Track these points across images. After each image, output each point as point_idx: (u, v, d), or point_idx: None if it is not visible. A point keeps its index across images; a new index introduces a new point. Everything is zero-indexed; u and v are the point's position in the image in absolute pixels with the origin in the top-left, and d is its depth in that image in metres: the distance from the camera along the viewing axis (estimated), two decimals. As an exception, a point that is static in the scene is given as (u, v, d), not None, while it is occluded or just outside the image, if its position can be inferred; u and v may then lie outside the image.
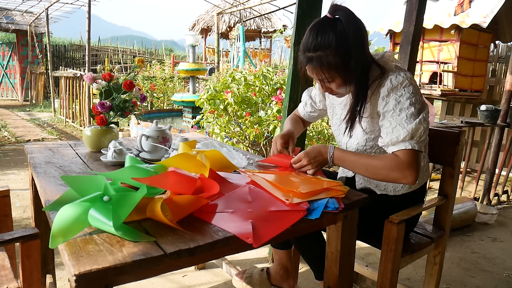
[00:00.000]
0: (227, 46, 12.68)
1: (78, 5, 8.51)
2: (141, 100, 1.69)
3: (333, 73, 1.23)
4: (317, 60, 1.21)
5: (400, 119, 1.20)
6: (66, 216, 0.82)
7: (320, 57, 1.20)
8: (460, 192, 3.49)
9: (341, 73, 1.23)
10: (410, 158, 1.19)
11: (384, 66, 1.28)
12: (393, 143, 1.22)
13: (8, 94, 11.80)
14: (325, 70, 1.22)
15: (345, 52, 1.20)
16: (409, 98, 1.21)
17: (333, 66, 1.21)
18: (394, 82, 1.22)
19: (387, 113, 1.23)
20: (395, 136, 1.20)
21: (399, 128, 1.20)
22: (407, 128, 1.19)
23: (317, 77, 1.26)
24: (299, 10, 2.00)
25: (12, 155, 4.73)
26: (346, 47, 1.19)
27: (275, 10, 9.90)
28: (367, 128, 1.34)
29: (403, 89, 1.22)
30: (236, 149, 1.67)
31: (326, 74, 1.23)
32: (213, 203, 1.01)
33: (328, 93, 1.35)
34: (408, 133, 1.18)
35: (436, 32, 4.26)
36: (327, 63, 1.20)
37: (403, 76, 1.23)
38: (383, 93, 1.24)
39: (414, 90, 1.22)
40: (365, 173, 1.28)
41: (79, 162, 1.42)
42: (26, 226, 2.59)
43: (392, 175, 1.21)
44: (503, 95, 3.43)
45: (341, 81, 1.25)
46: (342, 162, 1.30)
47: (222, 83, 3.64)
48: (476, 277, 2.18)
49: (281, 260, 1.62)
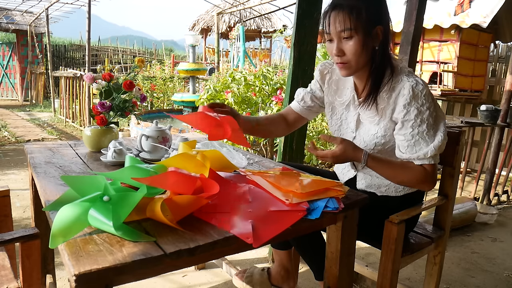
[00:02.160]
0: (227, 46, 12.68)
1: (78, 5, 8.51)
2: (141, 100, 1.69)
3: (358, 26, 1.18)
4: (348, 6, 1.17)
5: (422, 131, 1.21)
6: (66, 216, 0.82)
7: (351, 5, 1.17)
8: (460, 192, 3.48)
9: (364, 33, 1.19)
10: (433, 170, 1.25)
11: (395, 67, 1.27)
12: (420, 158, 1.23)
13: (8, 94, 11.80)
14: (352, 19, 1.17)
15: (374, 15, 1.20)
16: (429, 108, 1.20)
17: (362, 19, 1.18)
18: (415, 90, 1.20)
19: (407, 122, 1.22)
20: (422, 153, 1.22)
21: (422, 142, 1.21)
22: (433, 145, 1.21)
23: (340, 27, 1.19)
24: (299, 10, 2.00)
25: (12, 155, 4.73)
26: (376, 12, 1.20)
27: (275, 10, 9.91)
28: (378, 132, 1.31)
29: (423, 97, 1.20)
30: (236, 149, 1.67)
31: (351, 23, 1.17)
32: (213, 203, 1.01)
33: (339, 57, 1.24)
34: (434, 150, 1.21)
35: (436, 32, 4.26)
36: (357, 13, 1.17)
37: (422, 84, 1.22)
38: (404, 101, 1.21)
39: (432, 99, 1.23)
40: (392, 180, 1.30)
41: (79, 162, 1.42)
42: (26, 226, 2.59)
43: (418, 185, 1.28)
44: (503, 95, 3.43)
45: (360, 41, 1.19)
46: (373, 168, 1.27)
47: (222, 83, 3.65)
48: (476, 277, 2.18)
49: (282, 261, 1.62)
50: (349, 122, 1.41)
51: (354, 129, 1.39)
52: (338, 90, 1.44)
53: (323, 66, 1.49)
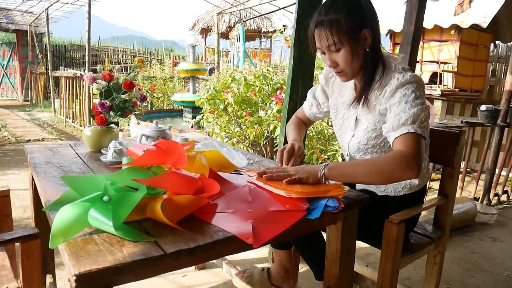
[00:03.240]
0: (227, 46, 12.68)
1: (78, 5, 8.51)
2: (141, 100, 1.69)
3: (342, 37, 1.20)
4: (328, 22, 1.19)
5: (404, 107, 1.19)
6: (66, 216, 0.83)
7: (331, 20, 1.19)
8: (460, 192, 3.48)
9: (350, 42, 1.21)
10: (413, 144, 1.13)
11: (388, 64, 1.28)
12: (395, 128, 1.17)
13: (8, 94, 11.81)
14: (334, 32, 1.19)
15: (356, 21, 1.20)
16: (414, 92, 1.20)
17: (343, 30, 1.19)
18: (402, 80, 1.21)
19: (393, 105, 1.22)
20: (397, 120, 1.18)
21: (402, 114, 1.18)
22: (409, 113, 1.17)
23: (326, 43, 1.22)
24: (299, 10, 2.00)
25: (12, 155, 4.73)
26: (358, 17, 1.20)
27: (275, 10, 9.91)
28: (369, 127, 1.33)
29: (409, 85, 1.21)
30: (236, 149, 1.67)
31: (335, 37, 1.19)
32: (213, 203, 1.01)
33: (334, 69, 1.28)
34: (410, 116, 1.16)
35: (436, 32, 4.26)
36: (338, 26, 1.18)
37: (410, 75, 1.22)
38: (390, 91, 1.23)
39: (420, 88, 1.22)
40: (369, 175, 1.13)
41: (79, 162, 1.42)
42: (26, 226, 2.59)
43: (397, 169, 1.10)
44: (503, 95, 3.43)
45: (349, 50, 1.22)
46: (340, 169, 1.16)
47: (222, 83, 3.64)
48: (476, 277, 2.18)
49: (282, 261, 1.62)
50: (349, 121, 1.42)
51: (353, 127, 1.40)
52: (341, 91, 1.47)
53: (327, 70, 1.52)
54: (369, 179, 1.17)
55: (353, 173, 1.15)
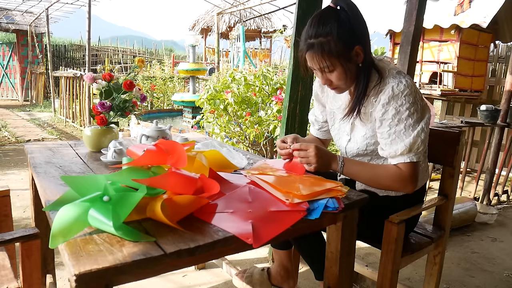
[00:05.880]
0: (227, 46, 12.69)
1: (78, 5, 8.52)
2: (141, 100, 1.69)
3: (334, 60, 1.21)
4: (318, 46, 1.19)
5: (399, 131, 1.22)
6: (66, 216, 0.82)
7: (322, 43, 1.18)
8: (460, 192, 3.48)
9: (342, 62, 1.21)
10: (410, 170, 1.24)
11: (382, 70, 1.28)
12: (392, 156, 1.25)
13: (8, 94, 11.81)
14: (326, 56, 1.20)
15: (347, 40, 1.19)
16: (409, 109, 1.21)
17: (334, 53, 1.19)
18: (396, 90, 1.21)
19: (385, 121, 1.24)
20: (393, 150, 1.23)
21: (398, 141, 1.22)
22: (404, 142, 1.21)
23: (318, 66, 1.23)
24: (299, 10, 2.00)
25: (12, 155, 4.73)
26: (348, 36, 1.19)
27: (275, 10, 9.91)
28: (367, 133, 1.34)
29: (403, 97, 1.21)
30: (236, 149, 1.67)
31: (327, 61, 1.21)
32: (213, 203, 1.01)
33: (328, 86, 1.31)
34: (406, 148, 1.21)
35: (436, 32, 4.26)
36: (328, 49, 1.19)
37: (405, 84, 1.22)
38: (384, 100, 1.23)
39: (414, 99, 1.22)
40: (368, 182, 1.31)
41: (79, 162, 1.42)
42: (26, 226, 2.59)
43: (394, 185, 1.27)
44: (503, 95, 3.43)
45: (342, 70, 1.23)
46: (348, 169, 1.30)
47: (222, 83, 3.64)
48: (476, 277, 2.18)
49: (282, 261, 1.62)
50: (345, 125, 1.43)
51: (349, 131, 1.41)
52: (336, 95, 1.46)
53: None
54: (367, 183, 1.34)
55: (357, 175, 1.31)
